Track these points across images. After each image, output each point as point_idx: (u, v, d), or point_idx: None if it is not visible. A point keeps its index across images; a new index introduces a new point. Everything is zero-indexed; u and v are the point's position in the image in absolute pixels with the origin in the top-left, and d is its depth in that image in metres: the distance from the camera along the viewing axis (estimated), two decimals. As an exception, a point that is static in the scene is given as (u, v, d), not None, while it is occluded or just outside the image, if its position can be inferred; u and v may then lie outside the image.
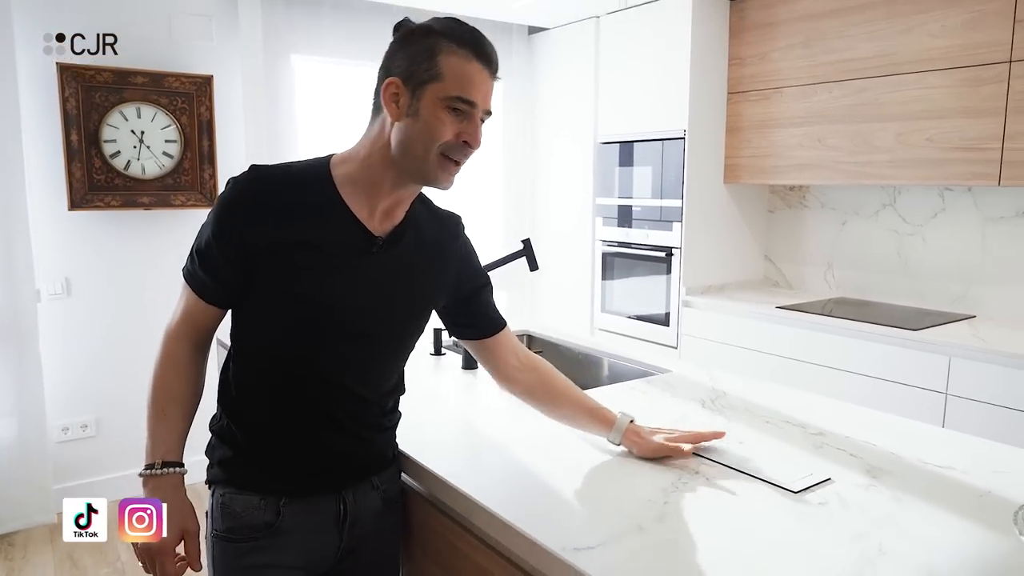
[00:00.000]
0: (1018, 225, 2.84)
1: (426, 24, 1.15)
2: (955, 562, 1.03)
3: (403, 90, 1.13)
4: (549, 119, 4.25)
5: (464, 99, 1.12)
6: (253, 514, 1.21)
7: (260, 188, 1.16)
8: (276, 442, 1.22)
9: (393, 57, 1.16)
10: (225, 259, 1.16)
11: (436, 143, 1.13)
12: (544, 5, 3.76)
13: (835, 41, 3.02)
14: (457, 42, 1.12)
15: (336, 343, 1.20)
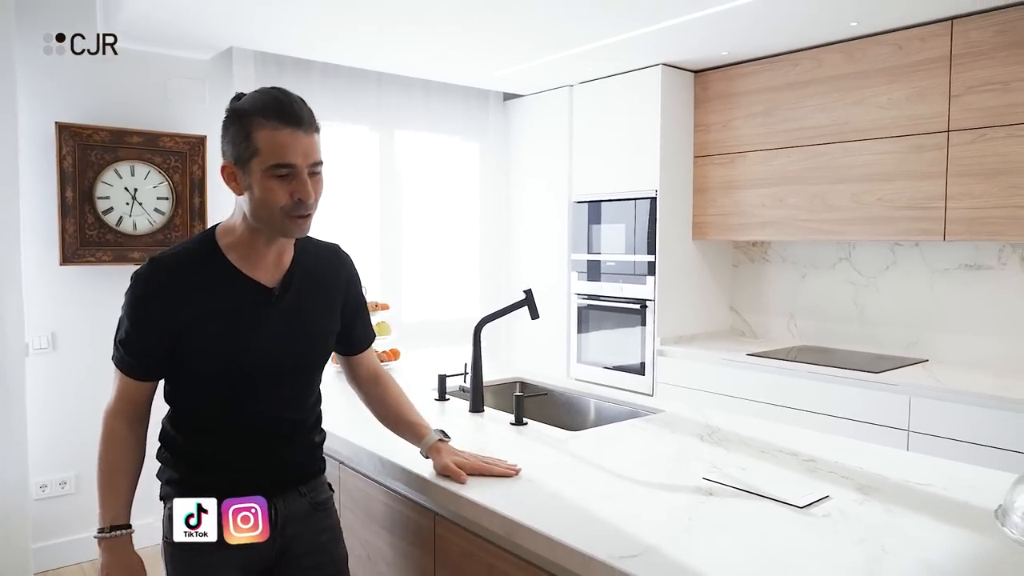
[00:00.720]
0: (962, 276, 3.13)
1: (239, 105, 1.32)
2: (949, 556, 1.19)
3: (235, 171, 1.32)
4: (524, 179, 4.48)
5: (282, 164, 1.29)
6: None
7: (162, 277, 1.33)
8: (212, 464, 1.42)
9: (222, 143, 1.35)
10: (147, 343, 1.35)
11: (274, 208, 1.31)
12: (522, 76, 4.01)
13: (793, 111, 3.33)
14: (264, 115, 1.28)
15: (256, 384, 1.40)
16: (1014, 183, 2.68)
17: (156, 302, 1.33)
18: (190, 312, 1.33)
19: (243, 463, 1.42)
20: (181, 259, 1.36)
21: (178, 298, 1.33)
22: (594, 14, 3.00)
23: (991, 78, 2.72)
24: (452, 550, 1.55)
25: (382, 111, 4.05)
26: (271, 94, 1.32)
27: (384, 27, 3.16)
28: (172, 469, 1.44)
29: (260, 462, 1.43)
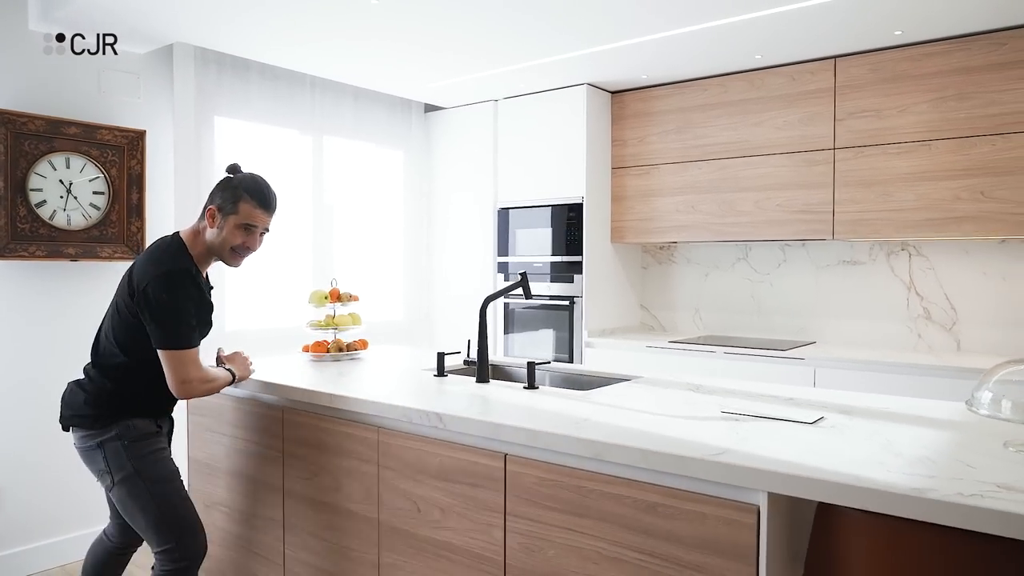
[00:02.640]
0: (840, 270, 3.76)
1: (240, 181, 2.19)
2: (941, 436, 1.59)
3: (217, 214, 2.16)
4: (447, 187, 4.70)
5: (248, 224, 2.18)
6: (150, 427, 2.15)
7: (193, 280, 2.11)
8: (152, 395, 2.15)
9: (215, 193, 2.19)
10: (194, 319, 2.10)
11: (229, 245, 2.18)
12: (450, 90, 4.26)
13: (702, 129, 3.84)
14: (252, 196, 2.18)
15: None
16: (887, 191, 3.31)
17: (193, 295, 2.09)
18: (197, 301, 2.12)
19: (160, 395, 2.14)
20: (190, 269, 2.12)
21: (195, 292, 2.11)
22: (527, 36, 3.35)
23: (867, 107, 3.35)
24: (524, 483, 1.76)
25: (315, 116, 4.12)
26: (261, 184, 2.22)
27: (324, 32, 3.30)
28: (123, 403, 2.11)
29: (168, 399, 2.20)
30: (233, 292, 3.79)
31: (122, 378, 2.11)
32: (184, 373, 2.05)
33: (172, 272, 2.05)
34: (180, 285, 2.05)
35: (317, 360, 2.88)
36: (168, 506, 2.09)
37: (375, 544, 2.11)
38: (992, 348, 3.35)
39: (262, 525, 2.48)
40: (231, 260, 2.21)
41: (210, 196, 2.20)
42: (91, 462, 2.12)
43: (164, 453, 2.17)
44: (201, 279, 2.19)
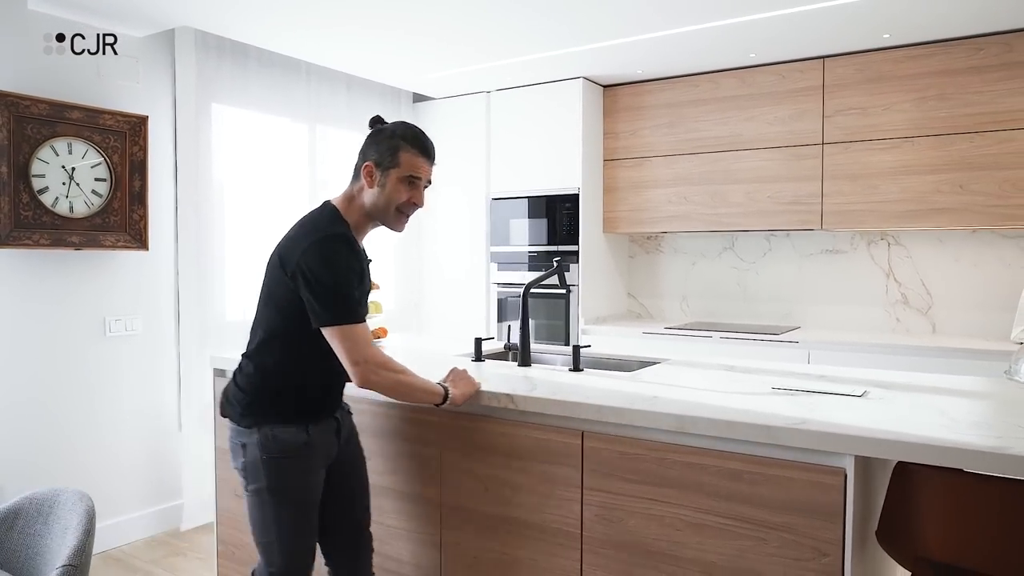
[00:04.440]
0: (824, 259, 3.99)
1: (391, 129, 1.91)
2: (989, 400, 1.76)
3: (375, 171, 1.88)
4: (438, 178, 4.71)
5: (412, 176, 1.90)
6: (296, 438, 1.86)
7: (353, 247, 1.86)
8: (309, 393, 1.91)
9: (369, 148, 1.91)
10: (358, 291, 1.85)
11: (394, 204, 1.90)
12: (445, 80, 4.30)
13: (694, 123, 4.00)
14: (411, 144, 1.89)
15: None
16: (872, 184, 3.54)
17: (356, 264, 1.84)
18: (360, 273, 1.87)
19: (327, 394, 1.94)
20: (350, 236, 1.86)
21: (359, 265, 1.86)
22: (527, 31, 3.44)
23: (853, 104, 3.57)
24: (602, 458, 1.86)
25: (309, 105, 4.09)
26: (417, 131, 1.93)
27: (324, 18, 3.30)
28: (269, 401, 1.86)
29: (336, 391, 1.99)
30: (233, 282, 3.74)
31: (271, 373, 1.86)
32: (355, 352, 1.75)
33: (328, 237, 1.80)
34: (339, 252, 1.79)
35: (342, 348, 2.89)
36: (290, 536, 1.87)
37: (437, 524, 2.17)
38: (965, 330, 3.64)
39: (304, 511, 2.49)
40: (396, 222, 1.93)
41: (361, 153, 1.92)
42: (233, 457, 1.93)
43: (311, 475, 1.89)
44: (359, 249, 1.91)
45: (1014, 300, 3.43)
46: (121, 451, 3.36)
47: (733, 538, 1.68)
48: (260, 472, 1.84)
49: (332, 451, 1.97)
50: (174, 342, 3.54)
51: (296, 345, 1.85)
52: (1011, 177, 3.25)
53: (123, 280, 3.35)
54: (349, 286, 1.78)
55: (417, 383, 1.88)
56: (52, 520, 1.57)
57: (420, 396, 1.90)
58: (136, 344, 3.41)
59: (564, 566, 1.93)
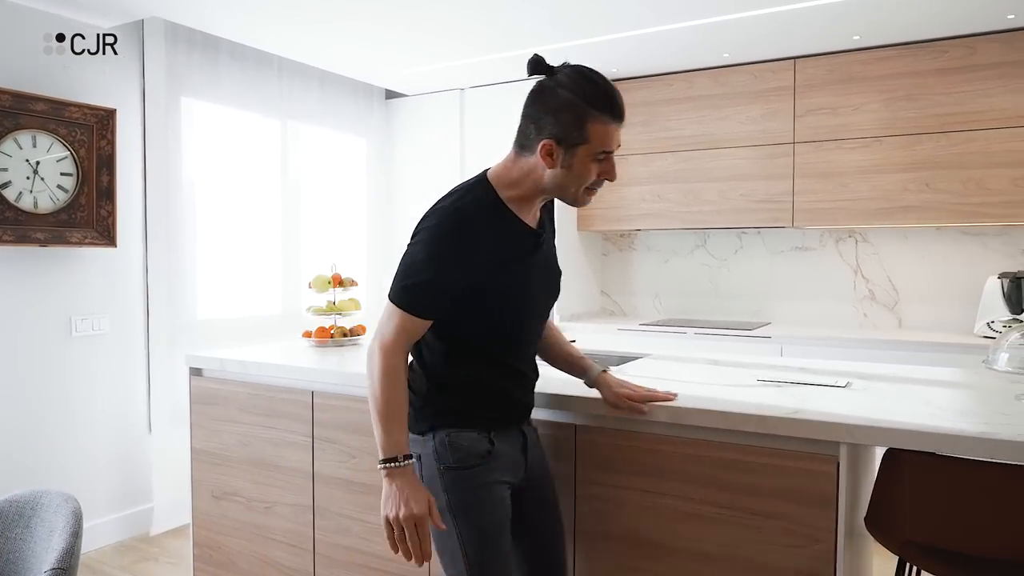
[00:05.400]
0: (794, 256, 4.07)
1: (572, 88, 1.46)
2: (969, 390, 1.81)
3: (557, 150, 1.48)
4: (411, 174, 4.70)
5: (606, 151, 1.50)
6: (476, 446, 1.58)
7: (474, 226, 1.49)
8: (485, 394, 1.62)
9: (543, 118, 1.49)
10: (446, 283, 1.49)
11: (583, 184, 1.53)
12: (418, 77, 4.27)
13: (669, 122, 4.05)
14: (600, 109, 1.46)
15: (530, 319, 1.66)
16: (842, 183, 3.62)
17: (466, 251, 1.47)
18: (490, 258, 1.50)
19: (507, 396, 1.64)
20: (479, 211, 1.51)
21: (482, 247, 1.48)
22: (503, 27, 3.44)
23: (824, 104, 3.65)
24: (596, 451, 1.86)
25: (281, 100, 4.03)
26: (603, 87, 1.47)
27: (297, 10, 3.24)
28: (441, 402, 1.60)
29: (519, 393, 1.67)
30: (205, 280, 3.66)
31: (439, 366, 1.60)
32: (381, 327, 1.52)
33: (443, 209, 1.52)
34: (446, 229, 1.49)
35: (321, 346, 2.86)
36: (478, 568, 1.56)
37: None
38: (930, 324, 3.74)
39: (286, 512, 2.45)
40: (583, 199, 1.57)
41: (529, 118, 1.52)
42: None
43: (495, 490, 1.59)
44: (512, 227, 1.55)
45: (977, 295, 3.54)
46: (88, 453, 3.26)
47: (727, 527, 1.70)
48: (438, 486, 1.56)
49: (519, 471, 1.66)
50: (143, 341, 3.45)
51: (458, 335, 1.58)
52: (974, 176, 3.36)
53: (90, 278, 3.25)
54: (424, 269, 1.48)
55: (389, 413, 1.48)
56: (35, 523, 1.52)
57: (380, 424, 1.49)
58: (104, 344, 3.31)
59: (557, 560, 1.93)
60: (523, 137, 1.54)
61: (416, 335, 1.53)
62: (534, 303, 1.65)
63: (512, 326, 1.61)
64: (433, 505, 1.49)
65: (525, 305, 1.61)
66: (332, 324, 2.91)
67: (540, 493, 1.74)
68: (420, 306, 1.50)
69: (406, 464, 1.48)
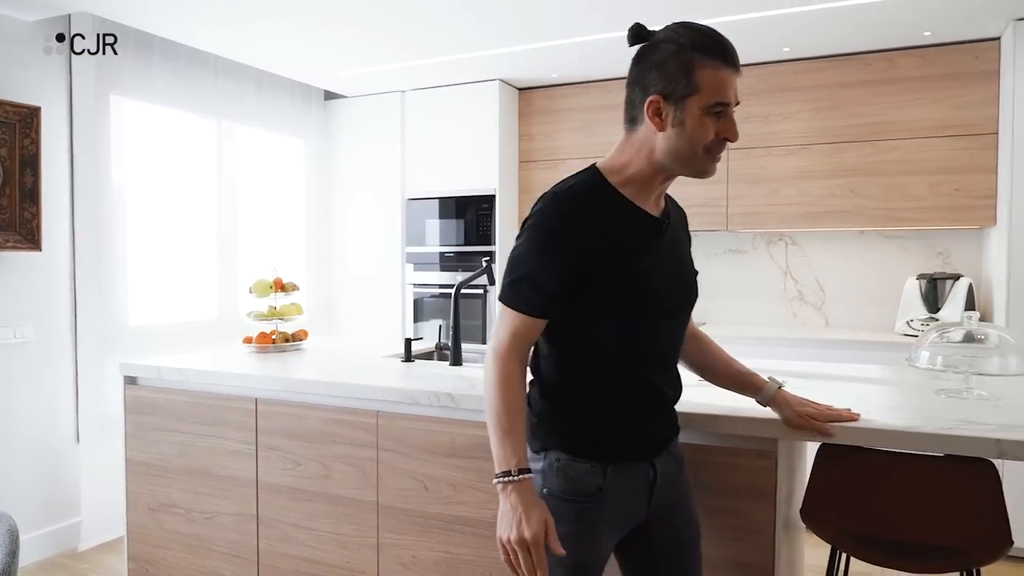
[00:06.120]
0: (727, 259, 4.20)
1: (674, 39, 1.32)
2: (896, 386, 1.92)
3: (665, 106, 1.32)
4: (352, 177, 4.65)
5: (722, 103, 1.31)
6: (586, 479, 1.39)
7: (574, 211, 1.33)
8: (604, 417, 1.41)
9: (646, 75, 1.34)
10: (556, 277, 1.32)
11: (699, 146, 1.33)
12: (358, 79, 4.23)
13: (608, 127, 4.13)
14: (709, 54, 1.29)
15: (657, 318, 1.42)
16: (773, 188, 3.76)
17: (570, 235, 1.32)
18: (599, 245, 1.33)
19: (637, 423, 1.43)
20: (584, 193, 1.36)
21: (588, 231, 1.32)
22: (444, 32, 3.46)
23: (756, 112, 3.79)
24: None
25: (217, 100, 3.93)
26: (709, 33, 1.32)
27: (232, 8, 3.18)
28: (557, 422, 1.42)
29: (649, 419, 1.45)
30: (136, 285, 3.54)
31: (556, 380, 1.43)
32: (492, 338, 1.39)
33: (546, 195, 1.37)
34: (548, 213, 1.34)
35: (262, 351, 2.80)
36: None
37: (374, 527, 2.14)
38: (855, 323, 3.93)
39: (228, 522, 2.40)
40: (706, 166, 1.37)
41: (634, 84, 1.38)
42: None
43: (596, 533, 1.41)
44: (624, 211, 1.37)
45: (897, 295, 3.74)
46: (10, 467, 3.11)
47: (673, 524, 1.75)
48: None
49: (638, 512, 1.46)
50: (70, 349, 3.31)
51: (576, 342, 1.40)
52: (895, 183, 3.55)
53: (12, 283, 3.10)
54: (530, 263, 1.33)
55: (504, 423, 1.32)
56: (-36, 542, 1.44)
57: (495, 435, 1.34)
58: (27, 352, 3.16)
59: (507, 561, 1.95)
60: (630, 108, 1.40)
61: (531, 338, 1.37)
62: (660, 300, 1.40)
63: (636, 327, 1.38)
64: (551, 527, 1.30)
65: (649, 302, 1.38)
66: (273, 329, 2.86)
67: (670, 530, 1.51)
68: (529, 303, 1.34)
69: (521, 478, 1.30)
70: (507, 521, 1.29)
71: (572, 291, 1.34)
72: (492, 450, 1.33)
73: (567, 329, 1.39)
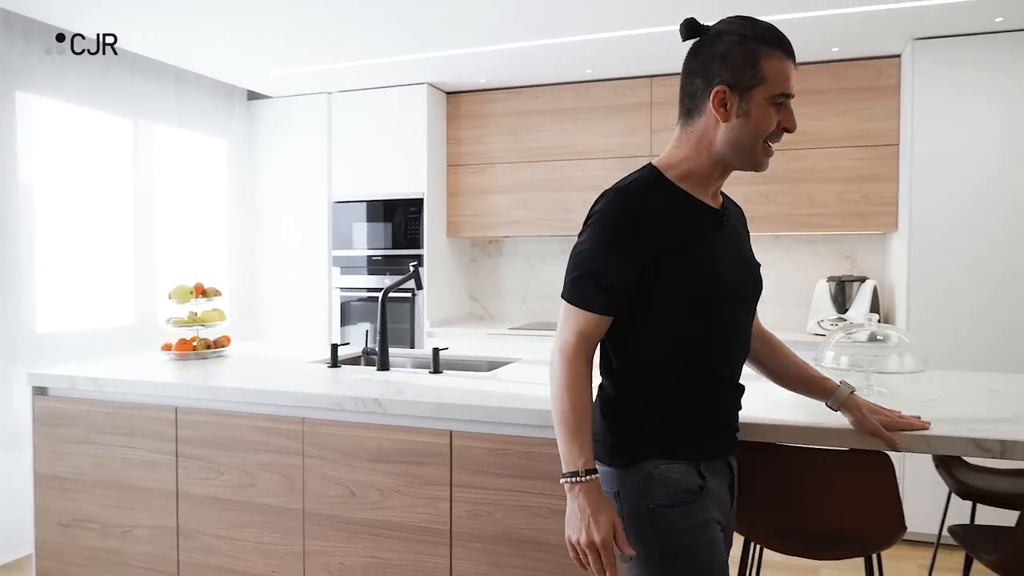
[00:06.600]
0: (651, 262, 4.32)
1: (736, 30, 1.34)
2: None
3: (731, 96, 1.33)
4: (276, 179, 4.56)
5: (785, 94, 1.34)
6: (687, 479, 1.38)
7: (638, 204, 1.35)
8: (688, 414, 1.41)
9: (709, 66, 1.35)
10: (622, 272, 1.33)
11: (759, 137, 1.35)
12: (282, 79, 4.16)
13: (535, 132, 4.18)
14: (772, 45, 1.32)
15: (726, 309, 1.42)
16: (693, 194, 3.89)
17: (633, 229, 1.32)
18: (663, 236, 1.33)
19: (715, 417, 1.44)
20: (643, 188, 1.37)
21: (651, 224, 1.33)
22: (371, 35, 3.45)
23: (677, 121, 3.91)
24: (471, 456, 1.91)
25: (134, 98, 3.79)
26: (769, 26, 1.35)
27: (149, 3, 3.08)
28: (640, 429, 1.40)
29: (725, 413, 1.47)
30: (44, 289, 3.38)
31: (636, 382, 1.41)
32: (556, 338, 1.38)
33: (607, 192, 1.40)
34: (611, 209, 1.36)
35: (183, 359, 2.73)
36: None
37: (299, 534, 2.12)
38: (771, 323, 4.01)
39: (146, 536, 2.33)
40: (762, 157, 1.38)
41: (694, 75, 1.39)
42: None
43: (710, 530, 1.39)
44: (685, 203, 1.38)
45: (809, 296, 3.93)
46: (-94, 486, 2.92)
47: (596, 522, 1.80)
48: (647, 530, 1.36)
49: (727, 511, 1.47)
50: (-28, 358, 3.14)
51: (650, 339, 1.38)
52: (806, 190, 3.73)
53: None
54: (593, 259, 1.34)
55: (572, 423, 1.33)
56: None
57: (562, 435, 1.34)
58: (-76, 362, 2.98)
59: (433, 563, 1.97)
60: (688, 101, 1.41)
61: (596, 336, 1.37)
62: (727, 288, 1.40)
63: (707, 317, 1.38)
64: (619, 528, 1.31)
65: (716, 292, 1.38)
66: (194, 336, 2.79)
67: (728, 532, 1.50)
68: (594, 300, 1.34)
69: (589, 479, 1.31)
70: (576, 523, 1.31)
71: (638, 286, 1.35)
72: (560, 450, 1.34)
73: (644, 326, 1.38)
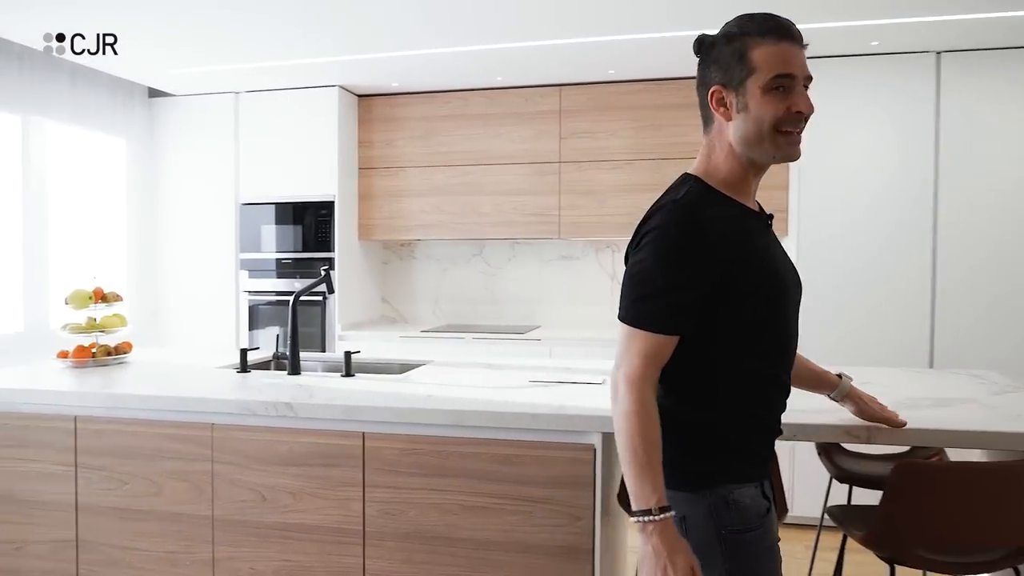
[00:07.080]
0: (560, 265, 4.46)
1: (726, 32, 1.34)
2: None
3: (727, 94, 1.32)
4: (180, 179, 4.42)
5: (781, 75, 1.28)
6: (758, 502, 1.34)
7: (698, 216, 1.29)
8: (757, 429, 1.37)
9: (707, 72, 1.35)
10: (689, 289, 1.27)
11: (767, 123, 1.29)
12: (187, 78, 4.05)
13: (446, 137, 4.24)
14: (760, 34, 1.29)
15: (787, 313, 1.39)
16: (600, 199, 4.05)
17: (696, 244, 1.27)
18: (725, 248, 1.28)
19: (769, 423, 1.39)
20: (697, 200, 1.31)
21: (712, 236, 1.28)
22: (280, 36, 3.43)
23: (584, 129, 4.06)
24: (383, 456, 1.96)
25: (24, 93, 3.61)
26: (761, 15, 1.31)
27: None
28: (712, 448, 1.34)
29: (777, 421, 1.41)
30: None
31: (705, 399, 1.34)
32: (621, 356, 1.30)
33: (663, 207, 1.33)
34: (673, 224, 1.28)
35: (80, 366, 2.64)
36: None
37: (208, 542, 2.10)
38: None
39: (43, 551, 2.24)
40: (785, 148, 1.31)
41: (700, 85, 1.37)
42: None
43: (774, 554, 1.37)
44: (735, 211, 1.34)
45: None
46: None
47: (504, 515, 1.89)
48: (715, 555, 1.30)
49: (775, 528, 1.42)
50: None
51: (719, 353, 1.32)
52: (704, 197, 3.94)
53: None
54: (652, 278, 1.27)
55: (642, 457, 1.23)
56: None
57: (631, 470, 1.25)
58: None
59: (347, 563, 2.00)
60: (702, 111, 1.39)
61: (663, 357, 1.29)
62: (787, 293, 1.38)
63: (776, 323, 1.36)
64: (698, 572, 1.23)
65: (780, 294, 1.36)
66: (93, 342, 2.70)
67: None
68: (662, 321, 1.27)
69: (663, 517, 1.22)
70: (649, 566, 1.22)
71: (706, 301, 1.29)
72: (628, 486, 1.25)
73: (712, 339, 1.32)
